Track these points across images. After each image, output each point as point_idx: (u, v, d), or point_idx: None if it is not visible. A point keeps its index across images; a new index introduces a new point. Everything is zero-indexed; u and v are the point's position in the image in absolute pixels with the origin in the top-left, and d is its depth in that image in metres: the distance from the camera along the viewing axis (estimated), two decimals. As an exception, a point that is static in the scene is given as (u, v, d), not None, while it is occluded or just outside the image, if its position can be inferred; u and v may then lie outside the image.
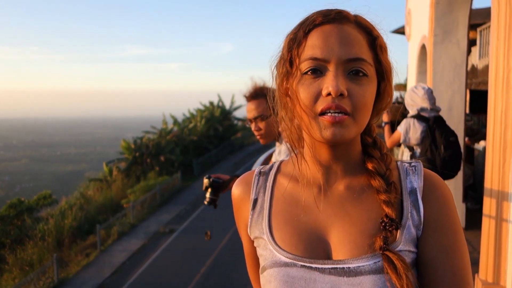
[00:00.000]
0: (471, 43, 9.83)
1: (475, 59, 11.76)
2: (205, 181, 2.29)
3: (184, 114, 28.87)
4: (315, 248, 0.79)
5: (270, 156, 2.52)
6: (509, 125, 2.83)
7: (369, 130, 0.86)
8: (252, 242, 0.90)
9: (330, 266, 0.76)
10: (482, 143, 7.02)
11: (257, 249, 0.87)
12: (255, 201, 0.88)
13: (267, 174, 0.91)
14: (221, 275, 9.47)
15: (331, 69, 0.74)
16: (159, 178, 19.85)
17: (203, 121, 27.42)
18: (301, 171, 0.86)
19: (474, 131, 8.63)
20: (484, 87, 9.86)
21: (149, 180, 19.37)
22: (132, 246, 12.37)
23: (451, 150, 3.47)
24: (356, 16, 0.79)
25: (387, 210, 0.76)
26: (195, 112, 28.58)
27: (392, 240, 0.76)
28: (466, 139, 6.68)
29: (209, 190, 2.28)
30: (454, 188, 5.39)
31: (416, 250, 0.79)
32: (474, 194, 6.67)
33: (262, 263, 0.84)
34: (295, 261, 0.78)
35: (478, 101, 10.95)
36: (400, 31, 12.44)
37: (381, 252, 0.74)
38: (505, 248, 2.92)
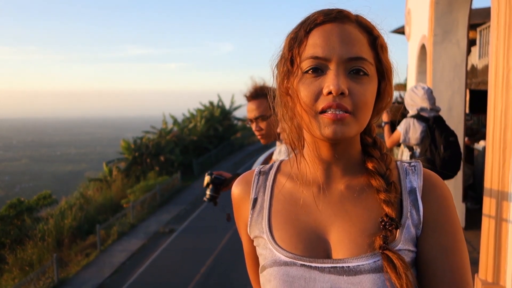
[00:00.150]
0: (471, 43, 9.84)
1: (475, 59, 11.76)
2: (207, 177, 2.28)
3: (184, 114, 28.85)
4: (315, 247, 0.79)
5: (270, 156, 2.52)
6: (508, 125, 2.83)
7: (369, 130, 0.87)
8: (252, 241, 0.90)
9: (329, 265, 0.76)
10: (482, 143, 7.02)
11: (256, 248, 0.87)
12: (255, 200, 0.88)
13: (267, 173, 0.91)
14: (221, 275, 9.46)
15: (332, 68, 0.75)
16: (159, 178, 19.83)
17: (203, 121, 27.41)
18: (301, 170, 0.86)
19: (474, 131, 8.63)
20: (484, 87, 9.86)
21: (149, 180, 19.35)
22: (132, 246, 12.36)
23: (450, 150, 3.47)
24: (357, 16, 0.80)
25: (387, 209, 0.77)
26: (195, 112, 28.56)
27: (391, 240, 0.76)
28: (466, 139, 6.68)
29: (210, 186, 2.28)
30: (454, 188, 5.39)
31: (416, 250, 0.79)
32: (474, 194, 6.67)
33: (261, 262, 0.84)
34: (295, 260, 0.78)
35: (478, 101, 10.95)
36: (400, 31, 12.45)
37: (380, 251, 0.74)
38: (504, 248, 2.92)
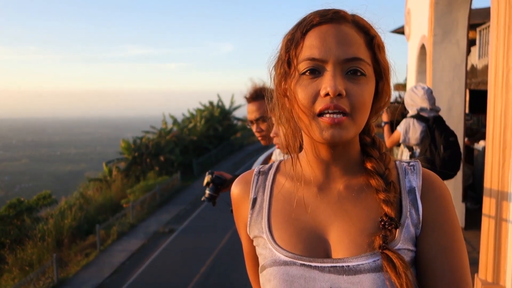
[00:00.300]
0: (471, 43, 9.84)
1: (474, 59, 11.76)
2: (208, 176, 2.28)
3: (183, 114, 28.84)
4: (314, 247, 0.79)
5: (270, 156, 2.52)
6: (508, 125, 2.83)
7: (367, 130, 0.87)
8: (252, 241, 0.90)
9: (329, 264, 0.76)
10: (481, 143, 7.03)
11: (256, 248, 0.87)
12: (254, 200, 0.89)
13: (266, 173, 0.91)
14: (221, 275, 9.46)
15: (329, 69, 0.74)
16: (159, 178, 19.83)
17: (203, 121, 27.40)
18: (300, 170, 0.86)
19: (473, 131, 8.64)
20: (484, 87, 9.86)
21: (149, 180, 19.35)
22: (132, 246, 12.36)
23: (450, 150, 3.47)
24: (354, 16, 0.79)
25: (386, 209, 0.77)
26: (194, 112, 28.55)
27: (391, 239, 0.76)
28: (466, 139, 6.68)
29: (210, 186, 2.27)
30: (453, 188, 5.39)
31: (415, 249, 0.79)
32: (474, 194, 6.67)
33: (261, 262, 0.84)
34: (294, 260, 0.78)
35: (478, 101, 10.95)
36: (400, 31, 12.44)
37: (380, 250, 0.74)
38: (504, 248, 2.92)
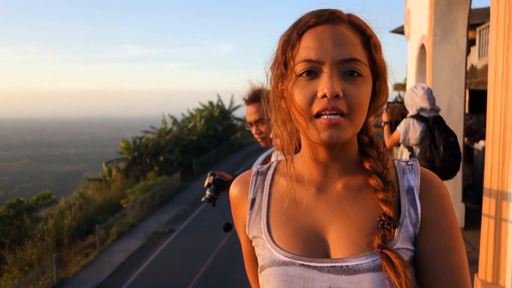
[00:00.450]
0: (470, 43, 9.83)
1: (474, 59, 11.77)
2: (209, 178, 2.27)
3: (183, 114, 28.83)
4: (313, 247, 0.79)
5: (269, 156, 2.51)
6: (508, 124, 2.83)
7: (365, 129, 0.87)
8: (250, 241, 0.90)
9: (328, 264, 0.76)
10: (481, 142, 7.03)
11: (255, 248, 0.87)
12: (253, 200, 0.89)
13: (264, 173, 0.92)
14: (220, 275, 9.46)
15: (326, 70, 0.74)
16: (159, 178, 19.82)
17: (203, 121, 27.40)
18: (299, 170, 0.86)
19: (473, 131, 8.64)
20: (484, 87, 9.88)
21: (149, 180, 19.35)
22: (132, 246, 12.36)
23: (450, 151, 3.47)
24: (350, 16, 0.79)
25: (385, 208, 0.77)
26: (194, 112, 28.54)
27: (390, 239, 0.76)
28: (465, 139, 6.68)
29: (211, 187, 2.27)
30: (453, 188, 5.39)
31: (414, 248, 0.79)
32: (474, 194, 6.68)
33: (260, 262, 0.84)
34: (293, 260, 0.78)
35: (478, 101, 10.95)
36: (400, 31, 12.45)
37: (379, 250, 0.74)
38: (504, 248, 2.92)
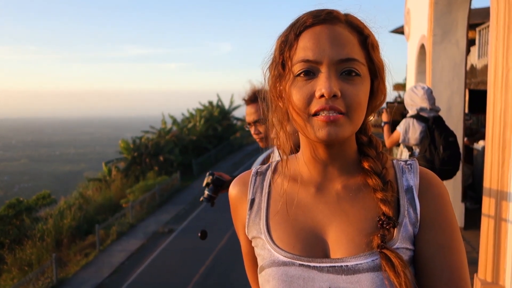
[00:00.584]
0: (470, 43, 9.84)
1: (474, 59, 11.78)
2: (208, 177, 2.27)
3: (183, 114, 28.83)
4: (313, 247, 0.79)
5: (269, 156, 2.51)
6: (508, 124, 2.83)
7: (364, 129, 0.87)
8: (250, 242, 0.90)
9: (328, 264, 0.76)
10: (481, 142, 7.03)
11: (255, 248, 0.87)
12: (252, 201, 0.89)
13: (264, 174, 0.91)
14: (220, 275, 9.46)
15: (324, 70, 0.74)
16: (158, 178, 19.82)
17: (202, 121, 27.40)
18: (298, 170, 0.86)
19: (473, 131, 8.63)
20: (483, 86, 9.88)
21: (148, 180, 19.35)
22: (131, 246, 12.36)
23: (450, 151, 3.47)
24: (347, 16, 0.79)
25: (384, 208, 0.77)
26: (194, 112, 28.54)
27: (389, 238, 0.76)
28: (465, 139, 6.68)
29: (210, 186, 2.27)
30: (453, 188, 5.39)
31: (413, 248, 0.79)
32: (473, 193, 6.68)
33: (260, 262, 0.84)
34: (293, 260, 0.78)
35: (477, 101, 10.96)
36: (399, 30, 12.46)
37: (378, 250, 0.74)
38: (504, 248, 2.92)
